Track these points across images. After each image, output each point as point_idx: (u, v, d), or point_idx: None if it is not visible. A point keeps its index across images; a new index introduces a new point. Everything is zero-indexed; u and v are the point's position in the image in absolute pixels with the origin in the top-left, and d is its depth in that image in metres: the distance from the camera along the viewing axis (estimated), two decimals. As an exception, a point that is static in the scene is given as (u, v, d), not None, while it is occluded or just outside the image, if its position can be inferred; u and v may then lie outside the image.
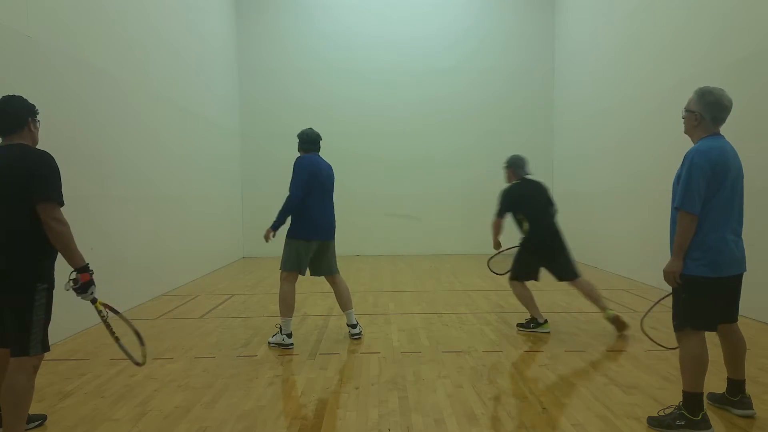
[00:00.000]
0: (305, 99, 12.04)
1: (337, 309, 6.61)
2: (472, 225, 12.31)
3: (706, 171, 3.07)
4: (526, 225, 5.37)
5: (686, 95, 3.29)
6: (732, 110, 3.23)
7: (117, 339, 3.25)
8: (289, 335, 4.97)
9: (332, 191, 5.24)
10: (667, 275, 3.19)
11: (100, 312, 3.11)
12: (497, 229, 5.49)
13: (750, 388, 3.45)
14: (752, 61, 5.90)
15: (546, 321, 5.42)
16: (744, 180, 3.23)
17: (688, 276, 3.13)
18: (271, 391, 3.89)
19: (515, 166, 5.59)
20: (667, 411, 3.21)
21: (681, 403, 3.14)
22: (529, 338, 5.19)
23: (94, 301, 3.07)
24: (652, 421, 3.21)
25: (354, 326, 5.27)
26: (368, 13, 12.19)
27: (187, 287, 8.21)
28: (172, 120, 8.35)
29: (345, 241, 12.46)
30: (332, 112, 11.92)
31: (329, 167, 5.27)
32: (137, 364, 3.29)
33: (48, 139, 5.08)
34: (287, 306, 4.95)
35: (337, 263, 5.29)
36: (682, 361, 3.16)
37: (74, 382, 4.07)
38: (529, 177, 5.58)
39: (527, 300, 5.45)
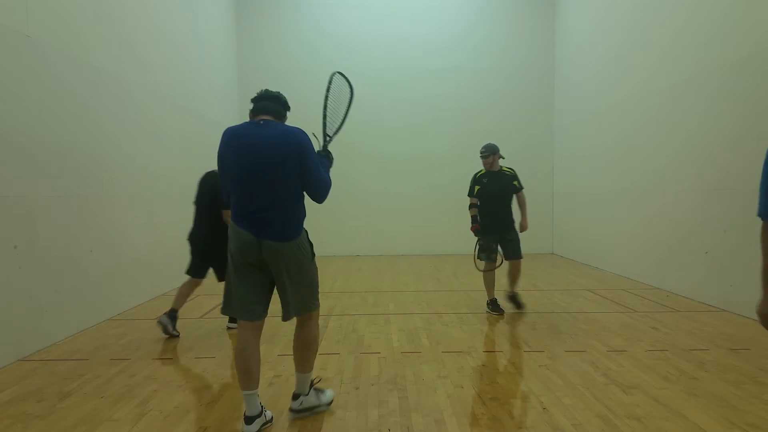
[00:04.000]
0: (305, 98, 11.89)
1: (338, 308, 6.63)
2: (472, 225, 12.32)
3: None
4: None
5: (686, 95, 3.22)
6: (732, 110, 3.09)
7: None
8: (247, 420, 3.06)
9: (272, 171, 3.12)
10: (761, 318, 2.14)
11: None
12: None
13: (750, 388, 3.46)
14: (752, 61, 5.90)
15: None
16: (744, 180, 3.00)
17: None
18: (271, 391, 3.88)
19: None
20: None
21: None
22: (530, 338, 5.19)
23: None
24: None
25: (295, 397, 3.38)
26: (368, 12, 12.19)
27: (187, 287, 8.19)
28: (172, 119, 8.34)
29: (344, 241, 12.64)
30: (332, 112, 11.90)
31: (277, 135, 3.24)
32: None
33: (48, 138, 5.12)
34: (238, 371, 3.13)
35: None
36: None
37: (74, 382, 4.07)
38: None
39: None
